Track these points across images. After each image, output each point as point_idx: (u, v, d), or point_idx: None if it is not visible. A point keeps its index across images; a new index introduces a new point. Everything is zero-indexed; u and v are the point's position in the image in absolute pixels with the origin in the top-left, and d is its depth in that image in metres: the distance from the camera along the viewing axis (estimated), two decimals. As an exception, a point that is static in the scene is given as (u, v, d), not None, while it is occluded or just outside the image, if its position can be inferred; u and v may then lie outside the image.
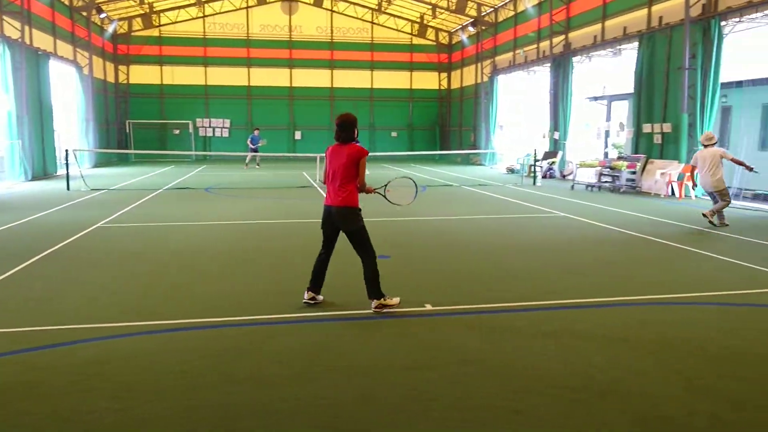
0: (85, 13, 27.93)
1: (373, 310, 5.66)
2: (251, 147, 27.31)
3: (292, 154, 33.55)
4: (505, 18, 29.72)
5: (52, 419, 3.58)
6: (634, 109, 19.11)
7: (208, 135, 36.28)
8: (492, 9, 30.42)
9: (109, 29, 31.86)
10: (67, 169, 17.62)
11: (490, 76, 30.86)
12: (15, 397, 3.86)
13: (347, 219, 5.62)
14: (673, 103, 17.12)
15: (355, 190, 5.63)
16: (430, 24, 37.17)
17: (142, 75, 35.39)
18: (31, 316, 5.55)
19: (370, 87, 38.17)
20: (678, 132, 16.94)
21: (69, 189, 16.87)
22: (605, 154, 22.41)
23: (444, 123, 39.30)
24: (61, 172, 22.40)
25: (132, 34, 34.78)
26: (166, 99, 35.66)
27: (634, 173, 17.85)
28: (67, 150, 18.31)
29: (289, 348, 4.78)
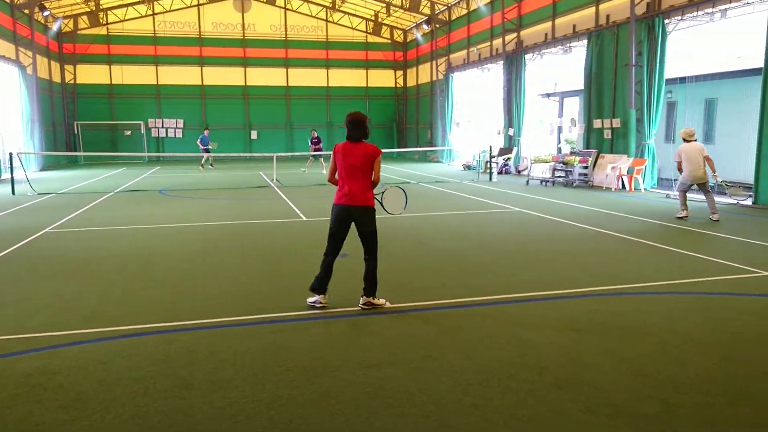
0: (27, 11, 26.90)
1: (360, 306, 5.70)
2: (202, 148, 26.78)
3: (248, 154, 33.12)
4: (458, 16, 30.02)
5: (-2, 433, 3.46)
6: (585, 105, 19.59)
7: (161, 136, 35.46)
8: (445, 7, 30.67)
9: (54, 27, 30.78)
10: (12, 173, 16.96)
11: (445, 73, 31.14)
12: (-43, 412, 3.71)
13: (370, 219, 5.64)
14: (622, 99, 17.62)
15: (371, 189, 5.65)
16: (385, 22, 37.25)
17: (90, 75, 34.31)
18: (-26, 327, 5.34)
19: (326, 85, 38.00)
20: (627, 127, 17.46)
21: (14, 194, 16.25)
22: (558, 149, 22.91)
23: (401, 121, 39.46)
24: (5, 176, 21.54)
25: (78, 32, 33.67)
26: (116, 99, 34.70)
27: (586, 168, 18.31)
28: (11, 153, 17.63)
29: (245, 350, 4.73)
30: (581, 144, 20.26)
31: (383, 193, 6.24)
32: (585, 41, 19.43)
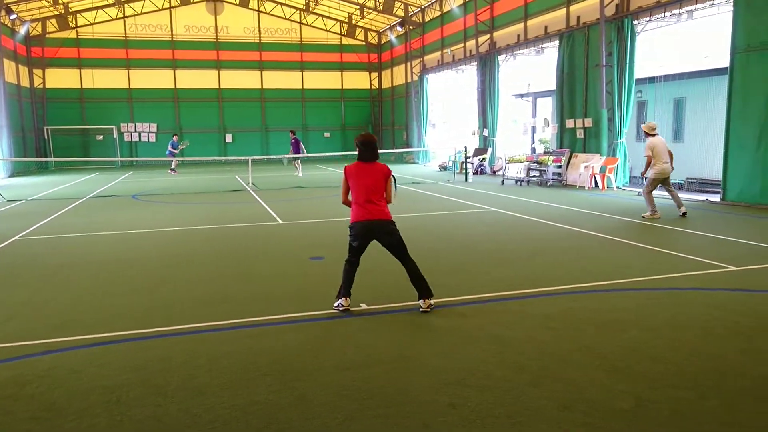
0: (-7, 15, 26.36)
1: (425, 308, 5.72)
2: (172, 151, 26.73)
3: (223, 158, 32.83)
4: (431, 18, 30.17)
5: (-34, 446, 3.38)
6: (558, 106, 19.84)
7: (133, 140, 35.01)
8: (419, 9, 30.81)
9: (21, 31, 30.19)
10: (-21, 179, 16.59)
11: (419, 75, 31.26)
12: (-77, 426, 3.62)
13: (393, 232, 5.81)
14: (593, 99, 17.88)
15: (387, 205, 5.87)
16: (359, 24, 37.27)
17: (60, 79, 33.71)
18: (-59, 339, 5.20)
19: (301, 88, 37.90)
20: (599, 126, 17.72)
21: (-18, 201, 15.91)
22: (532, 149, 23.14)
23: (376, 122, 39.51)
24: (-28, 183, 21.05)
25: (47, 36, 33.07)
26: (87, 103, 34.15)
27: (560, 167, 18.54)
28: (-21, 160, 17.24)
29: (221, 355, 4.69)
30: (555, 144, 20.51)
31: None
32: (557, 42, 19.68)
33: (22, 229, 11.18)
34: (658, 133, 11.46)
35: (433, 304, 5.82)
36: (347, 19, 36.91)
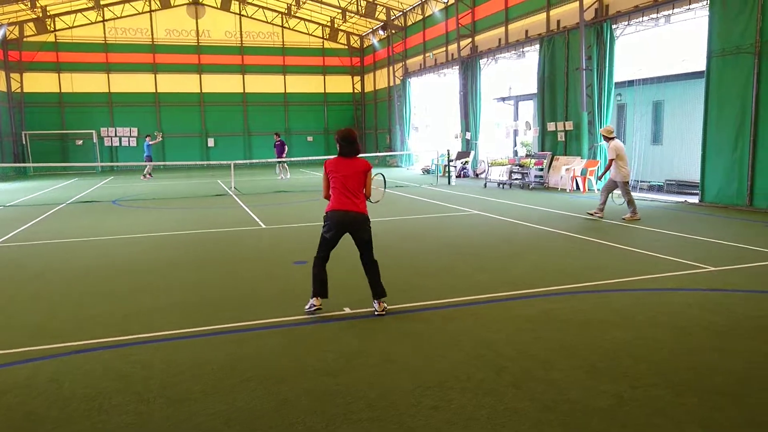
0: (-31, 18, 25.96)
1: (380, 311, 5.74)
2: (147, 155, 26.09)
3: (205, 162, 32.62)
4: (414, 22, 30.29)
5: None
6: (539, 109, 20.02)
7: (114, 145, 34.63)
8: (401, 13, 30.91)
9: (-2, 35, 29.77)
10: (-45, 186, 16.30)
11: (402, 78, 31.35)
12: None
13: (367, 227, 5.80)
14: (574, 102, 18.07)
15: (365, 201, 5.85)
16: (341, 28, 37.29)
17: (38, 83, 33.26)
18: None
19: (283, 91, 37.80)
20: (579, 129, 17.91)
21: (-42, 207, 15.64)
22: (514, 152, 23.32)
23: (359, 126, 39.52)
24: (-52, 189, 20.70)
25: (24, 39, 32.60)
26: (67, 108, 33.74)
27: (542, 170, 18.70)
28: (-45, 165, 16.96)
29: (202, 361, 4.66)
30: (536, 147, 20.69)
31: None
32: (537, 46, 19.86)
33: (-1, 236, 11.02)
34: (615, 137, 11.70)
35: (387, 307, 5.83)
36: (329, 23, 36.91)
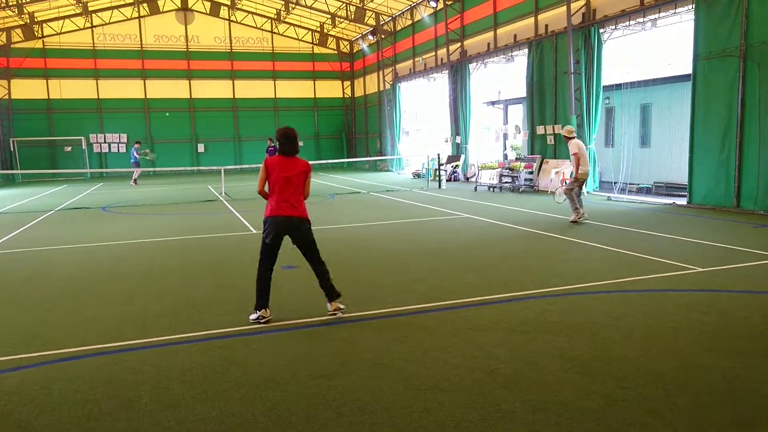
0: (-45, 25, 25.79)
1: (331, 313, 5.75)
2: (135, 161, 25.83)
3: (196, 168, 32.50)
4: (403, 27, 30.39)
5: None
6: (528, 112, 20.13)
7: (103, 151, 34.45)
8: (390, 18, 31.01)
9: (-15, 41, 29.59)
10: (-58, 193, 16.15)
11: (392, 83, 31.43)
12: None
13: (309, 230, 5.77)
14: (563, 106, 18.19)
15: (304, 200, 5.81)
16: (331, 33, 37.35)
17: (26, 89, 33.04)
18: None
19: (273, 97, 37.77)
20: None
21: (-55, 215, 15.49)
22: (504, 155, 23.41)
23: (350, 131, 39.57)
24: (-65, 197, 20.49)
25: (12, 46, 32.41)
26: (55, 114, 33.54)
27: (532, 173, 18.78)
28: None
29: (194, 367, 4.65)
30: (526, 150, 20.79)
31: None
32: (526, 50, 19.99)
33: (-13, 244, 10.92)
34: (576, 136, 11.67)
35: (342, 307, 5.82)
36: (319, 29, 36.97)
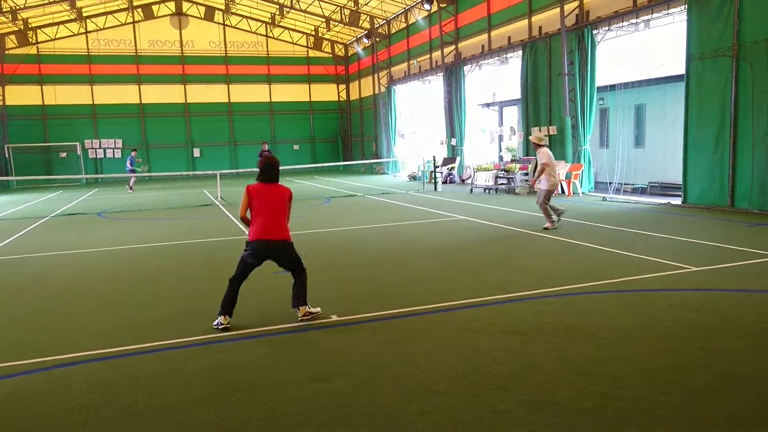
0: (-51, 31, 25.72)
1: (300, 319, 5.77)
2: (130, 168, 25.51)
3: (191, 172, 32.46)
4: (397, 30, 30.44)
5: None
6: (523, 114, 20.19)
7: (98, 157, 34.40)
8: (384, 21, 31.07)
9: (-21, 48, 29.52)
10: (-63, 201, 16.10)
11: (387, 86, 31.48)
12: None
13: (289, 252, 5.87)
14: (557, 107, 18.25)
15: (287, 225, 5.93)
16: (326, 36, 37.38)
17: (21, 96, 32.98)
18: None
19: (269, 101, 37.78)
20: (563, 134, 18.07)
21: (-60, 223, 15.43)
22: (500, 157, 23.46)
23: (346, 134, 39.59)
24: (-71, 204, 20.42)
25: (6, 52, 32.35)
26: (50, 120, 33.48)
27: (527, 174, 18.81)
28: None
29: (190, 372, 4.65)
30: (521, 151, 20.83)
31: None
32: (520, 52, 20.05)
33: (-18, 251, 10.89)
34: (546, 145, 11.22)
35: (312, 312, 5.84)
36: (314, 32, 37.00)
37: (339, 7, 30.75)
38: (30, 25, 31.69)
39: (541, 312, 5.91)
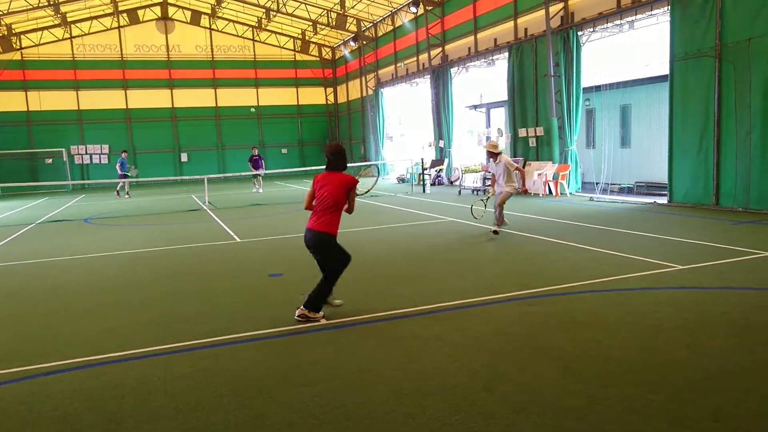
0: (-69, 38, 25.44)
1: (296, 317, 5.81)
2: (120, 173, 24.53)
3: (179, 177, 32.30)
4: (384, 32, 30.50)
5: None
6: (510, 115, 20.27)
7: (85, 162, 34.15)
8: (371, 24, 31.11)
9: (-38, 54, 29.23)
10: None
11: (374, 89, 31.51)
12: None
13: (323, 246, 5.81)
14: (543, 108, 18.34)
15: (338, 218, 5.84)
16: (312, 40, 37.38)
17: (5, 102, 32.70)
18: None
19: (256, 104, 37.68)
20: (550, 135, 18.17)
21: (-77, 231, 15.23)
22: (487, 159, 23.50)
23: (333, 137, 39.56)
24: None
25: (-11, 58, 32.09)
26: (35, 126, 33.20)
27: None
28: None
29: (176, 378, 4.61)
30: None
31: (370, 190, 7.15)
32: (506, 54, 20.15)
33: (-34, 259, 10.76)
34: (502, 152, 10.86)
35: (310, 317, 5.85)
36: (301, 36, 36.98)
37: (326, 11, 30.76)
38: (14, 31, 31.44)
39: (527, 312, 5.93)
